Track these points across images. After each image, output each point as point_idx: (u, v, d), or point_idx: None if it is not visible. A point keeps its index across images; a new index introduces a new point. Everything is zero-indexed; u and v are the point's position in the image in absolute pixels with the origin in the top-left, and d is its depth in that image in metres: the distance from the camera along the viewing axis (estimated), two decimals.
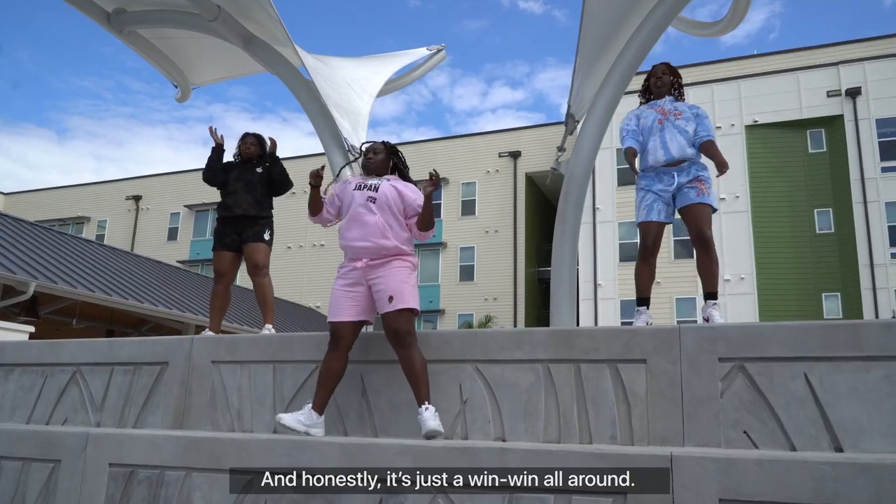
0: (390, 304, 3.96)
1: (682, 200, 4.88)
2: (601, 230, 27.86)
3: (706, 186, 4.84)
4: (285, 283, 33.27)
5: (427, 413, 3.74)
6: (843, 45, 28.16)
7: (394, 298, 3.97)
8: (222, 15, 7.77)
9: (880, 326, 3.38)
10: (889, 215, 24.45)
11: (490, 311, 30.45)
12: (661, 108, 5.07)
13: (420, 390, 3.83)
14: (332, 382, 4.00)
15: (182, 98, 9.64)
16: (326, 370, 3.99)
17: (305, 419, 3.90)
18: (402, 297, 3.98)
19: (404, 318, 3.96)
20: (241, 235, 5.87)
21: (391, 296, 3.97)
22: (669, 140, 4.91)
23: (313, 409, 3.95)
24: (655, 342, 3.70)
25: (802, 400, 3.40)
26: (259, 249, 5.86)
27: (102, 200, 40.23)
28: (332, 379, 4.00)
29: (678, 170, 4.89)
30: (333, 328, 4.05)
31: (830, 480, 2.66)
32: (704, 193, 4.81)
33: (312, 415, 3.93)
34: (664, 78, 5.19)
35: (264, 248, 5.90)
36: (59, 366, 5.11)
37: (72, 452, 4.01)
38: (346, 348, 4.04)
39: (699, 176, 4.86)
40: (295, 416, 3.90)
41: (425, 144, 34.83)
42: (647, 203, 4.95)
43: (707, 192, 4.83)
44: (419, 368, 3.85)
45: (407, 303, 3.98)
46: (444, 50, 10.37)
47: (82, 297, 13.36)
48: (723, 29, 8.04)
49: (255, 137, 6.13)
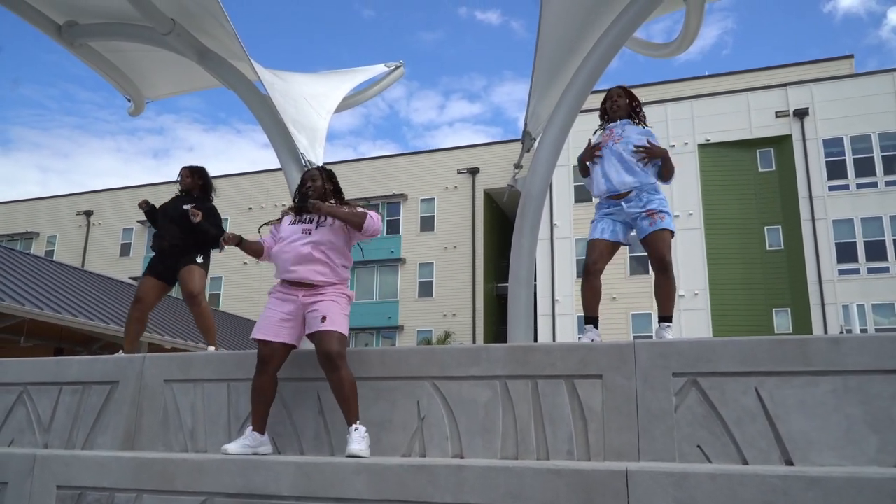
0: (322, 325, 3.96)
1: (639, 233, 4.88)
2: (559, 246, 28.12)
3: (658, 213, 4.80)
4: (241, 299, 32.88)
5: (356, 434, 3.75)
6: (792, 66, 29.05)
7: (326, 319, 3.96)
8: (177, 29, 7.68)
9: (827, 341, 3.47)
10: (836, 232, 25.16)
11: (449, 326, 30.45)
12: (612, 132, 5.02)
13: (350, 411, 3.84)
14: (264, 402, 4.04)
15: (136, 112, 9.49)
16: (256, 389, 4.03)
17: (250, 442, 3.93)
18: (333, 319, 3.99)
19: (336, 340, 3.93)
20: (174, 265, 5.84)
21: (324, 316, 3.98)
22: (608, 168, 4.89)
23: (254, 430, 3.97)
24: (610, 358, 3.73)
25: (753, 414, 3.46)
26: (192, 273, 5.82)
27: (52, 215, 39.33)
28: (264, 399, 4.04)
29: (626, 200, 4.83)
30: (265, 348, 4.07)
31: (781, 493, 2.71)
32: (658, 219, 4.79)
33: (255, 436, 3.96)
34: (619, 101, 5.12)
35: (198, 270, 5.86)
36: (4, 385, 4.97)
37: (18, 475, 3.89)
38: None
39: (649, 208, 4.80)
40: (240, 443, 3.91)
41: (384, 160, 34.84)
42: (595, 222, 4.96)
43: (659, 219, 4.78)
44: (348, 389, 3.85)
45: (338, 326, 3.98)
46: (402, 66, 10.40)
47: (30, 314, 13.00)
48: (675, 50, 8.21)
49: (188, 170, 6.17)
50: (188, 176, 6.13)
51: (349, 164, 34.30)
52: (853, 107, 25.84)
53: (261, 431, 3.99)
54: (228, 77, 8.21)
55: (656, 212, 4.78)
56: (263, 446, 3.97)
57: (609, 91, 5.24)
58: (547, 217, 27.58)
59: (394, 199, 33.54)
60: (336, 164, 32.89)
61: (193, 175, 6.14)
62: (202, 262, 5.90)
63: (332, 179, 4.44)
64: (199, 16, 7.68)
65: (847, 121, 25.84)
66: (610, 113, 5.17)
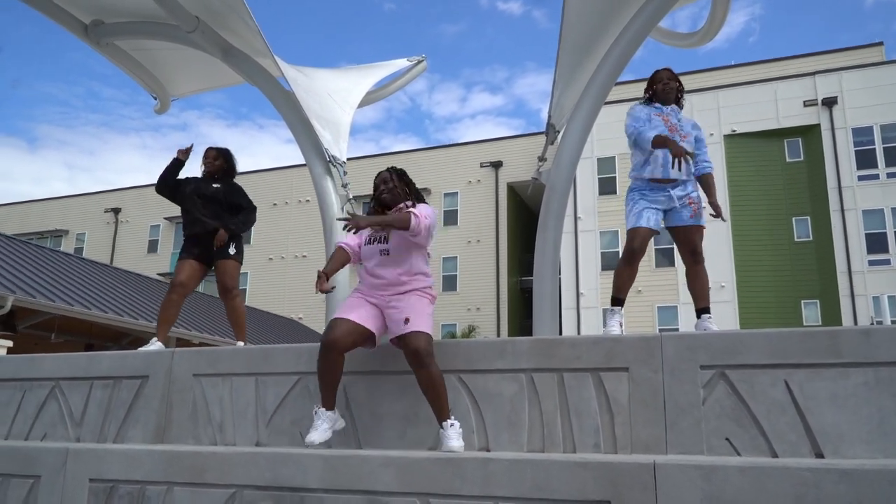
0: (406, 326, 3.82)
1: (675, 219, 4.85)
2: (583, 239, 27.98)
3: (698, 207, 4.85)
4: (267, 295, 33.13)
5: (451, 430, 3.63)
6: (819, 55, 28.61)
7: (409, 321, 3.83)
8: (201, 26, 7.73)
9: (858, 333, 3.42)
10: (866, 223, 24.78)
11: (473, 320, 30.46)
12: (668, 120, 4.99)
13: (440, 405, 3.71)
14: (333, 383, 3.87)
15: (161, 109, 9.58)
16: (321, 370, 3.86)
17: (327, 423, 3.82)
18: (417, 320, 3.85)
19: (424, 338, 3.79)
20: (210, 249, 5.80)
21: (407, 318, 3.84)
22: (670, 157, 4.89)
23: (327, 409, 3.84)
24: (637, 350, 3.71)
25: (783, 406, 3.42)
26: (228, 266, 5.80)
27: (81, 213, 39.88)
28: (333, 380, 3.87)
29: (672, 186, 4.88)
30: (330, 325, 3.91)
31: (812, 487, 2.68)
32: (697, 214, 4.84)
33: (328, 415, 3.84)
34: (671, 84, 5.14)
35: (233, 265, 5.84)
36: (37, 380, 5.05)
37: (51, 468, 3.96)
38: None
39: (692, 195, 4.85)
40: (320, 429, 3.79)
41: (407, 155, 34.87)
42: (639, 209, 4.92)
43: (700, 213, 4.85)
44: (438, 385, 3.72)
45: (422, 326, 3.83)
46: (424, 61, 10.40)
47: (61, 310, 13.21)
48: (700, 39, 8.11)
49: (216, 151, 6.07)
50: (216, 158, 6.02)
51: (371, 158, 34.37)
52: (883, 95, 25.40)
53: (332, 408, 3.86)
54: (252, 74, 8.25)
55: (698, 204, 4.83)
56: (339, 422, 3.90)
57: (659, 73, 5.21)
58: (571, 210, 27.46)
59: None
60: (358, 159, 33.02)
61: (220, 157, 6.04)
62: (236, 254, 5.88)
63: (404, 178, 4.22)
64: (223, 13, 7.73)
65: (877, 109, 25.41)
66: (661, 96, 5.13)
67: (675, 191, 4.86)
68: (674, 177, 4.85)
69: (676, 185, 4.88)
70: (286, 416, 4.29)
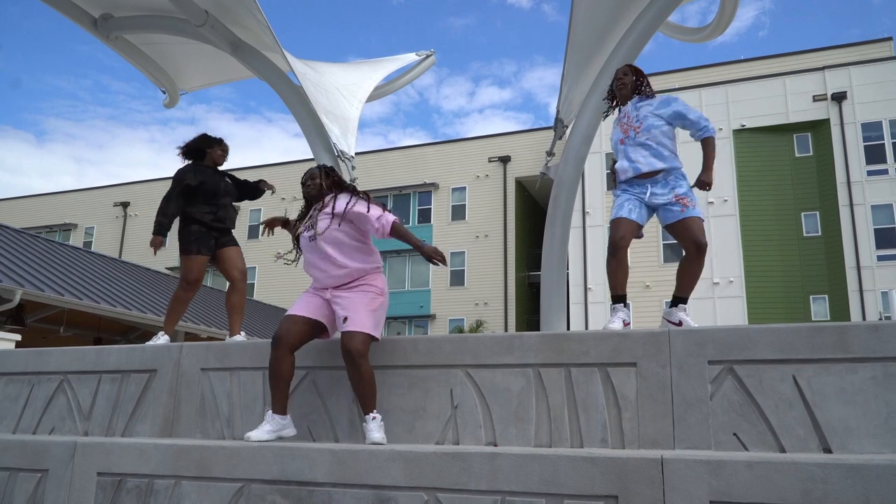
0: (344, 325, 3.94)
1: (668, 217, 4.73)
2: (591, 234, 27.94)
3: (688, 200, 4.71)
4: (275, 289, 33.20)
5: (373, 423, 3.80)
6: (829, 50, 28.44)
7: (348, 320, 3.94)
8: (210, 20, 7.75)
9: (867, 328, 3.41)
10: (875, 218, 24.66)
11: (481, 315, 30.46)
12: (623, 123, 4.92)
13: (366, 401, 3.85)
14: (282, 382, 3.98)
15: (170, 103, 9.61)
16: (272, 371, 3.99)
17: (272, 426, 3.92)
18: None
19: (358, 338, 3.89)
20: (216, 241, 5.77)
21: (346, 316, 3.96)
22: (634, 158, 4.78)
23: (275, 413, 3.95)
24: (645, 345, 3.71)
25: (791, 402, 3.41)
26: (239, 252, 5.88)
27: (90, 207, 40.03)
28: (281, 379, 3.98)
29: (651, 181, 4.75)
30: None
31: (819, 482, 2.67)
32: (689, 207, 4.70)
33: (275, 419, 3.95)
34: (625, 79, 5.00)
35: (240, 250, 5.94)
36: (45, 374, 5.08)
37: (59, 462, 3.98)
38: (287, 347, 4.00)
39: (677, 192, 4.71)
40: (261, 429, 3.91)
41: (415, 150, 34.86)
42: (620, 202, 4.82)
43: (691, 205, 4.68)
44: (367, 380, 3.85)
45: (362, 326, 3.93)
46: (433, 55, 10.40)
47: (69, 304, 13.27)
48: (710, 34, 8.09)
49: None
50: (227, 151, 6.13)
51: (379, 153, 34.38)
52: (892, 90, 25.26)
53: (283, 413, 3.97)
54: (261, 68, 8.27)
55: (686, 197, 4.70)
56: (287, 429, 3.97)
57: (616, 71, 5.14)
58: (579, 205, 27.41)
59: (425, 189, 33.56)
60: (366, 153, 33.01)
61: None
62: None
63: (331, 175, 4.35)
64: (232, 7, 7.75)
65: (886, 104, 25.28)
66: (617, 93, 5.06)
67: (655, 188, 4.75)
68: (645, 171, 4.74)
69: (656, 179, 4.73)
70: (293, 410, 4.30)
